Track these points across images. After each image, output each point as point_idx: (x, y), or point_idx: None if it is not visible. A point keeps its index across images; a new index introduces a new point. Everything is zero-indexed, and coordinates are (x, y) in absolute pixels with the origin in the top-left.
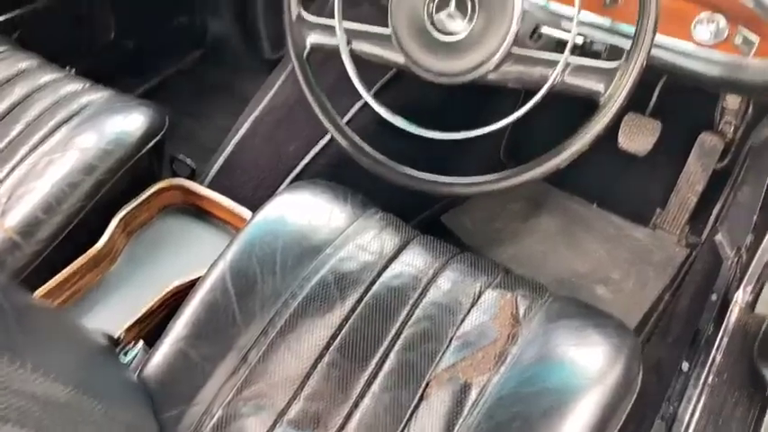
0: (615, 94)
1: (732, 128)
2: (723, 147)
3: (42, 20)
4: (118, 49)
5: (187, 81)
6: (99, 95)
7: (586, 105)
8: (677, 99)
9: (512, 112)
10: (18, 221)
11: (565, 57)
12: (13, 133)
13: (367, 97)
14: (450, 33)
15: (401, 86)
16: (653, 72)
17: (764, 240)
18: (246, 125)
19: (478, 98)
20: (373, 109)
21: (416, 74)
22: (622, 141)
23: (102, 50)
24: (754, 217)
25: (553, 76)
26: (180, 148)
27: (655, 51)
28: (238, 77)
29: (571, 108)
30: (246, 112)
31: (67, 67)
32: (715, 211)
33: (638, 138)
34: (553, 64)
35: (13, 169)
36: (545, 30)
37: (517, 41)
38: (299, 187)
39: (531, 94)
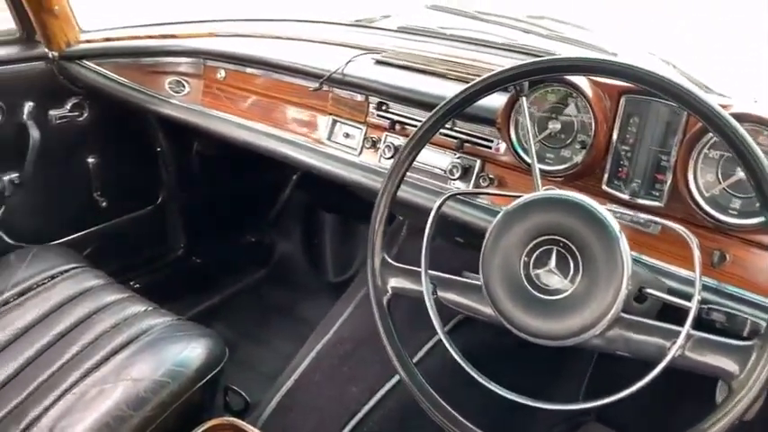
0: (752, 378)
1: None
2: None
3: (113, 238)
4: (185, 265)
5: (249, 300)
6: (161, 320)
7: None
8: None
9: (588, 365)
10: None
11: (686, 329)
12: (67, 356)
13: (448, 345)
14: (549, 292)
15: (475, 327)
16: None
17: None
18: (308, 359)
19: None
20: (442, 351)
21: (508, 330)
22: None
23: (168, 267)
24: None
25: (673, 351)
26: (235, 373)
27: None
28: (300, 299)
29: None
30: (309, 344)
31: (131, 283)
32: None
33: None
34: (671, 335)
35: (60, 397)
36: (652, 292)
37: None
38: None
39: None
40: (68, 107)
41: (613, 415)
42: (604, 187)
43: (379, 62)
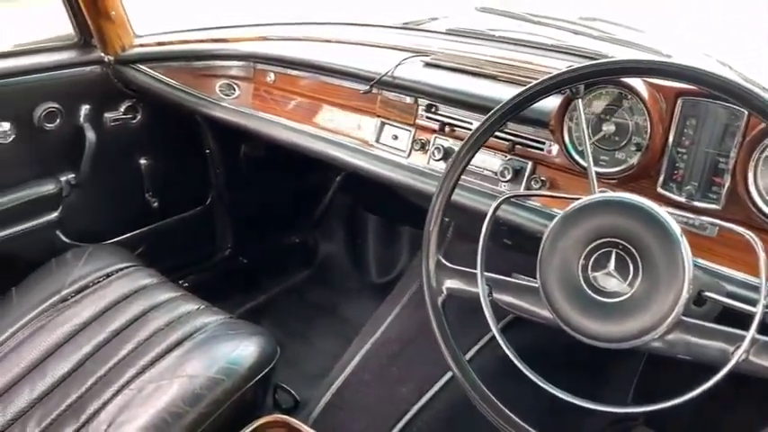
0: None
1: None
2: None
3: (163, 238)
4: (231, 265)
5: (294, 300)
6: (213, 319)
7: None
8: None
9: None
10: None
11: (751, 334)
12: (123, 352)
13: (504, 345)
14: (607, 294)
15: (522, 329)
16: None
17: None
18: (357, 359)
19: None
20: (490, 352)
21: (565, 332)
22: None
23: (216, 266)
24: None
25: (737, 355)
26: (282, 371)
27: None
28: (344, 299)
29: None
30: (357, 344)
31: (180, 282)
32: None
33: None
34: (735, 339)
35: (118, 393)
36: (712, 296)
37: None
38: None
39: None
40: (122, 110)
41: (664, 420)
42: (659, 190)
43: (428, 64)
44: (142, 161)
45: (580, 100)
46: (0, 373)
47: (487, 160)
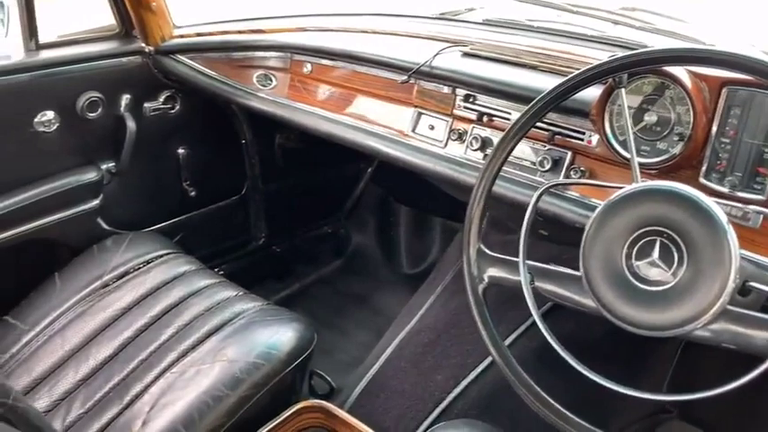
0: None
1: None
2: None
3: (200, 226)
4: (265, 254)
5: (326, 289)
6: (251, 305)
7: None
8: None
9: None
10: None
11: None
12: (164, 337)
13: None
14: (651, 283)
15: (559, 318)
16: None
17: None
18: (392, 347)
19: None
20: (528, 339)
21: (602, 322)
22: None
23: (250, 254)
24: None
25: None
26: (316, 359)
27: None
28: (375, 289)
29: None
30: (391, 333)
31: (216, 269)
32: None
33: None
34: None
35: (160, 376)
36: (758, 286)
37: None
38: (453, 429)
39: None
40: (161, 100)
41: (699, 412)
42: (702, 180)
43: (466, 54)
44: (180, 151)
45: (623, 89)
46: (45, 356)
47: (526, 150)
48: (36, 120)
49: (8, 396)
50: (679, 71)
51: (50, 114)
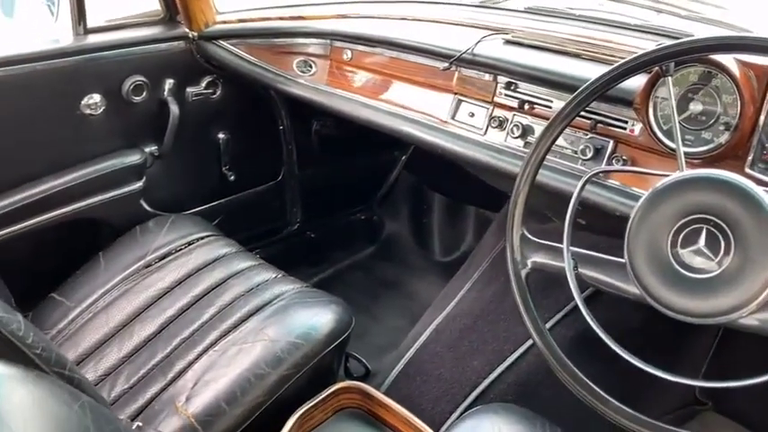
0: None
1: None
2: None
3: (238, 210)
4: (300, 238)
5: (359, 275)
6: (291, 287)
7: None
8: None
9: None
10: (202, 410)
11: None
12: (206, 317)
13: (588, 317)
14: (696, 271)
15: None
16: None
17: None
18: (428, 331)
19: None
20: (563, 328)
21: (653, 308)
22: None
23: (286, 239)
24: None
25: None
26: (351, 343)
27: None
28: (408, 276)
29: None
30: (428, 317)
31: (254, 252)
32: None
33: None
34: None
35: (202, 353)
36: None
37: None
38: (490, 412)
39: None
40: (203, 85)
41: (735, 405)
42: (747, 170)
43: (508, 42)
44: (220, 135)
45: (670, 78)
46: (90, 333)
47: (568, 138)
48: (83, 102)
49: (64, 367)
50: (727, 60)
51: (97, 98)
